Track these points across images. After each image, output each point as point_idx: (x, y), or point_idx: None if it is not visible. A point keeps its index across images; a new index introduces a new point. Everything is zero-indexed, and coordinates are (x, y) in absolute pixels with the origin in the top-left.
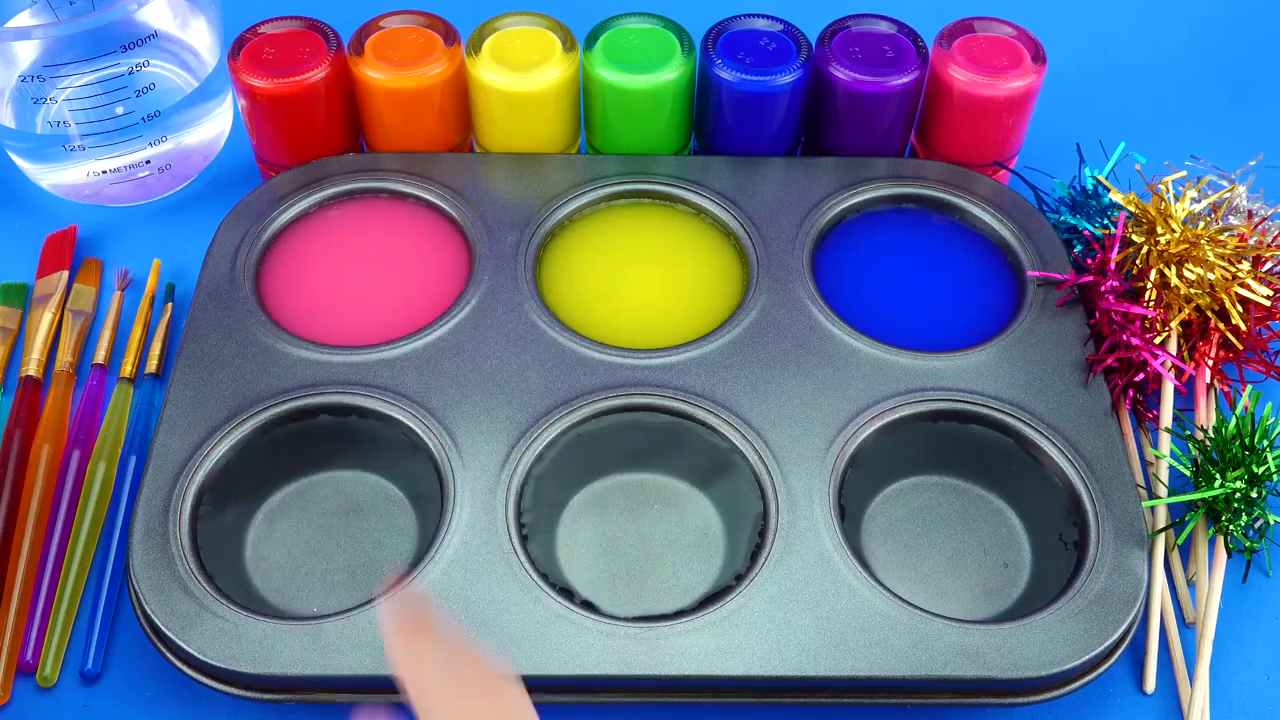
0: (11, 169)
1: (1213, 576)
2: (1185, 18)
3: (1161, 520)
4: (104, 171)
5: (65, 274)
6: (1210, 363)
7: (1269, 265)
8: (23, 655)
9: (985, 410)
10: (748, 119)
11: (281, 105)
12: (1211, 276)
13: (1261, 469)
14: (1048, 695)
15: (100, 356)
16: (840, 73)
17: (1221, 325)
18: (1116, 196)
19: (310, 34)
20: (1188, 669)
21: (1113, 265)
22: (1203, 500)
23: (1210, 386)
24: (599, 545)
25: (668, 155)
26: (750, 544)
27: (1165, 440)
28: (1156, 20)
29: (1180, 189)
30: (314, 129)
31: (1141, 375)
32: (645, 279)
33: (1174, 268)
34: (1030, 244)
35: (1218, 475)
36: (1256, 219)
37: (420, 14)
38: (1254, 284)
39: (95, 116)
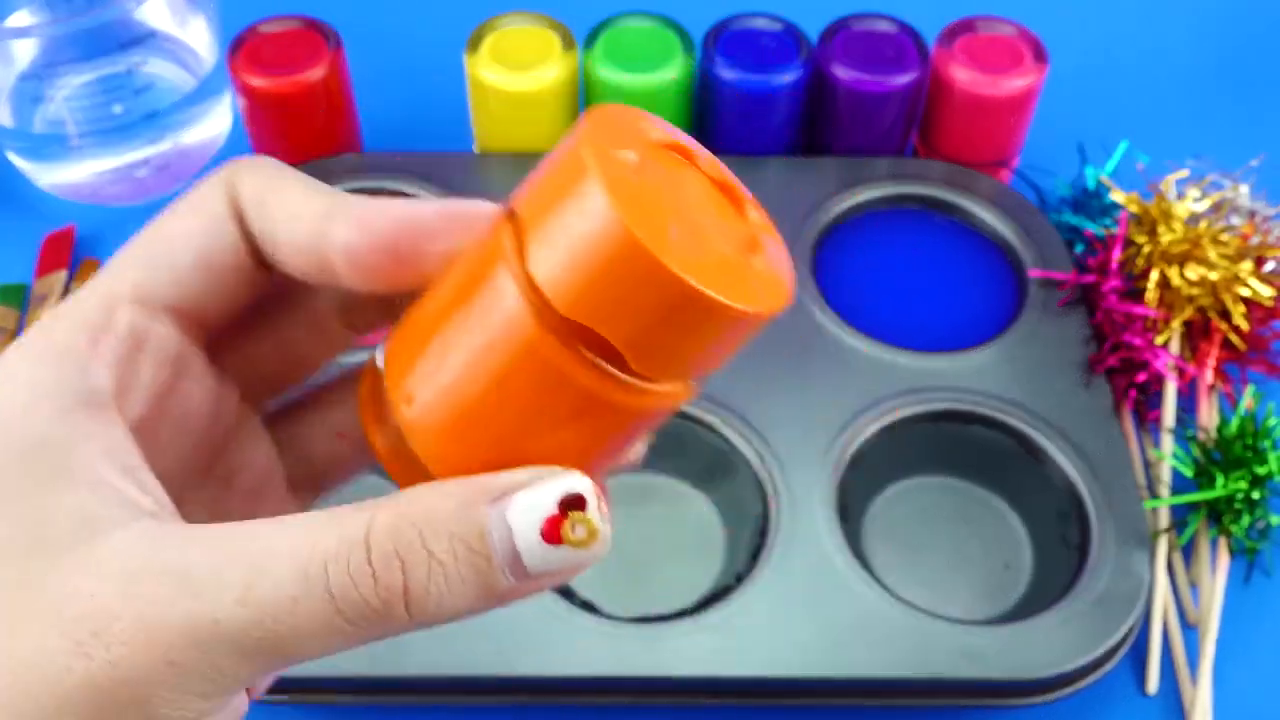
0: (10, 169)
1: (1215, 577)
2: (1188, 17)
3: (1163, 521)
4: (102, 171)
5: (64, 274)
6: (1212, 363)
7: (1271, 265)
8: None
9: (986, 411)
10: (748, 119)
11: (281, 105)
12: (1213, 276)
13: (1263, 470)
14: (1049, 696)
15: None
16: (841, 72)
17: (1224, 325)
18: (1118, 196)
19: (310, 33)
20: (1190, 670)
21: (1115, 265)
22: (1205, 501)
23: (1212, 387)
24: None
25: None
26: (750, 544)
27: (1167, 441)
28: (1158, 19)
29: (1182, 188)
30: (314, 129)
31: (1143, 375)
32: None
33: (1176, 267)
34: (1032, 244)
35: (1220, 476)
36: (1259, 218)
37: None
38: (1256, 284)
39: (93, 115)
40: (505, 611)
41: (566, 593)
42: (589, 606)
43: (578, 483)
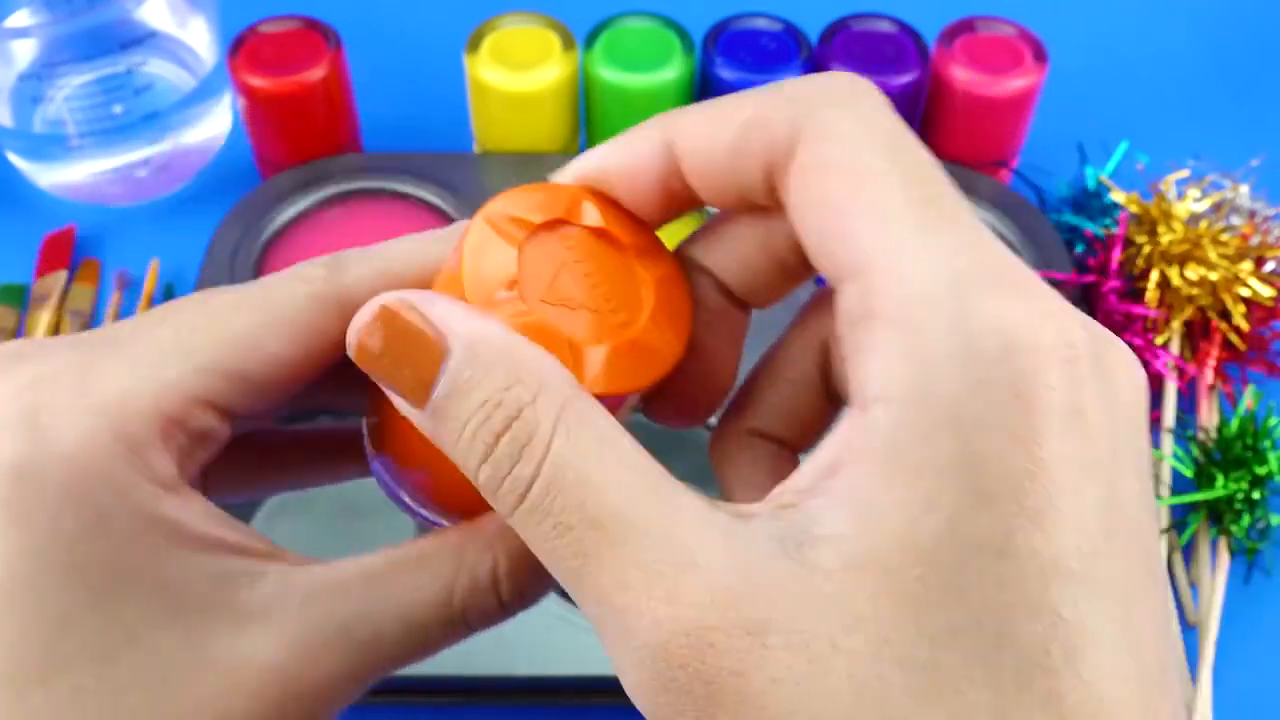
0: (9, 169)
1: (1215, 577)
2: (1188, 16)
3: (1164, 521)
4: (102, 171)
5: (64, 274)
6: (1212, 363)
7: (1271, 265)
8: None
9: None
10: None
11: (281, 104)
12: (1213, 276)
13: (1263, 470)
14: None
15: None
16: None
17: (1223, 325)
18: (1118, 196)
19: (310, 33)
20: (1190, 670)
21: (1115, 265)
22: (1205, 501)
23: (1212, 387)
24: None
25: None
26: None
27: (1167, 441)
28: (1159, 19)
29: (1182, 188)
30: (314, 129)
31: None
32: None
33: (1176, 267)
34: (1032, 244)
35: (1220, 476)
36: (1259, 218)
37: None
38: (1256, 284)
39: (93, 116)
40: None
41: (566, 593)
42: None
43: None
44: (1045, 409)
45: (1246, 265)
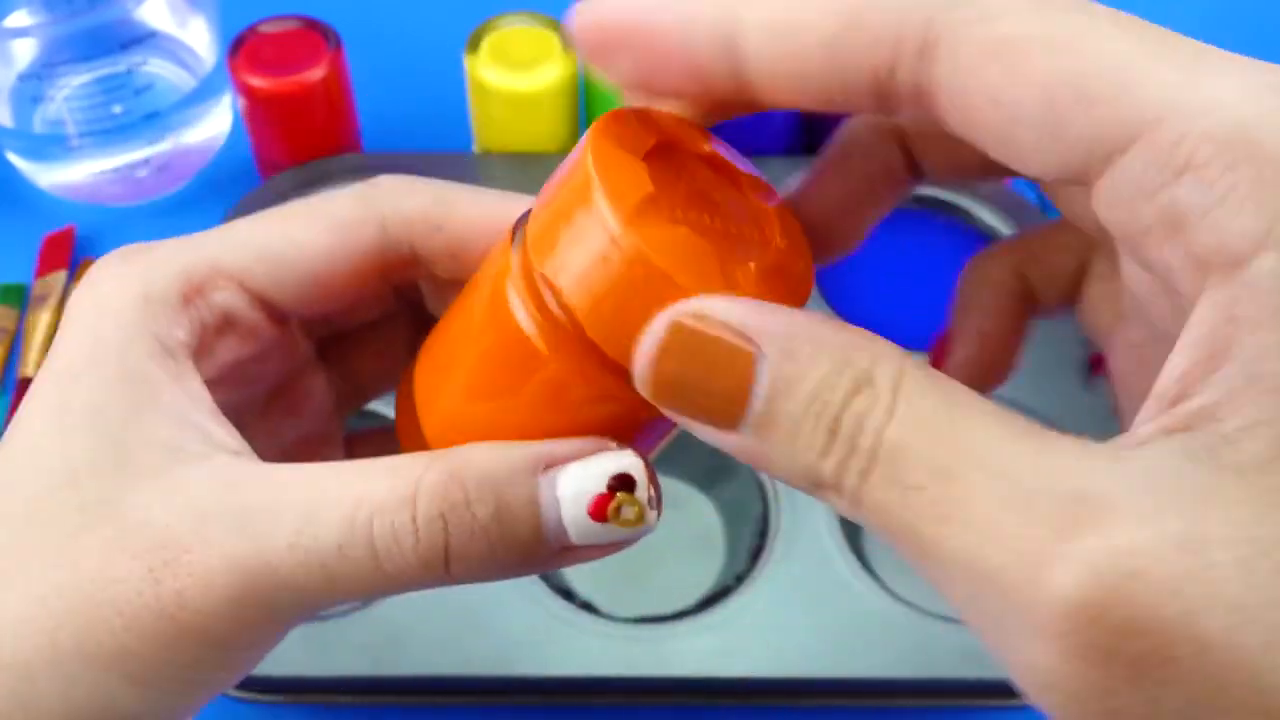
0: (9, 169)
1: None
2: (1188, 16)
3: None
4: (102, 171)
5: (64, 274)
6: None
7: None
8: None
9: None
10: (747, 118)
11: (281, 105)
12: None
13: None
14: None
15: None
16: None
17: None
18: None
19: (310, 33)
20: None
21: None
22: None
23: None
24: None
25: None
26: (751, 544)
27: None
28: (1159, 19)
29: None
30: (314, 129)
31: None
32: None
33: None
34: None
35: None
36: None
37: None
38: None
39: (93, 116)
40: (505, 611)
41: (566, 593)
42: (589, 607)
43: (629, 462)
44: None
45: None
